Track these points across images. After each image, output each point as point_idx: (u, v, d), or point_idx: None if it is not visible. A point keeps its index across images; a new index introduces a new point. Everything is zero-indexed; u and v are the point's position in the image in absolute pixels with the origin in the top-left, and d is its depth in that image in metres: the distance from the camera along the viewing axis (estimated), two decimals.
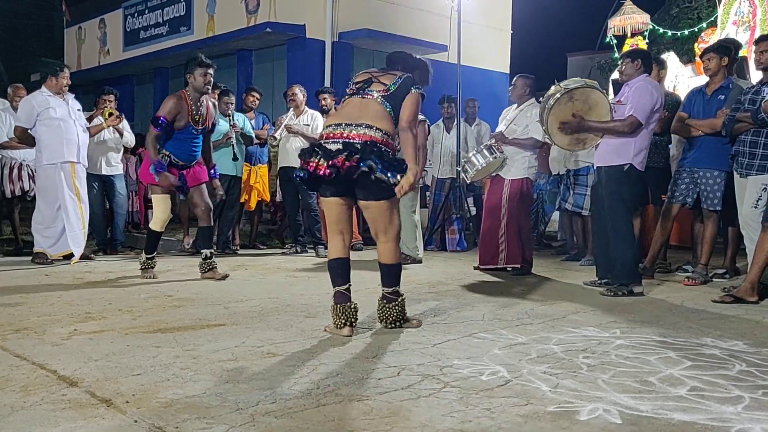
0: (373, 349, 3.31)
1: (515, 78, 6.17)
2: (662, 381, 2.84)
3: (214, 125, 5.83)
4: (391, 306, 3.74)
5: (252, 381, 2.75)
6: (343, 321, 3.61)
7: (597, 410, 2.46)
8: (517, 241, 5.95)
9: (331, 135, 3.61)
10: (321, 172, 3.52)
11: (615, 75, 9.34)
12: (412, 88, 3.73)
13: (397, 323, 3.75)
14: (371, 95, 3.71)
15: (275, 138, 7.31)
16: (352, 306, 3.65)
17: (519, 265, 5.97)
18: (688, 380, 2.85)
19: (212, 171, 5.83)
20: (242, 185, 7.68)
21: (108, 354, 3.13)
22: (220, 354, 3.16)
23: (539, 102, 5.97)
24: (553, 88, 5.05)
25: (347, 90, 3.82)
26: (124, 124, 7.34)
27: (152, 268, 5.60)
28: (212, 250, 5.72)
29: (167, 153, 5.47)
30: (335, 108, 7.79)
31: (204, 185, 5.70)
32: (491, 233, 5.99)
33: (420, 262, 6.83)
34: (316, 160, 3.54)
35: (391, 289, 3.76)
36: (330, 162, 3.50)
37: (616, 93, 6.15)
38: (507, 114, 6.23)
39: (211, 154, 5.87)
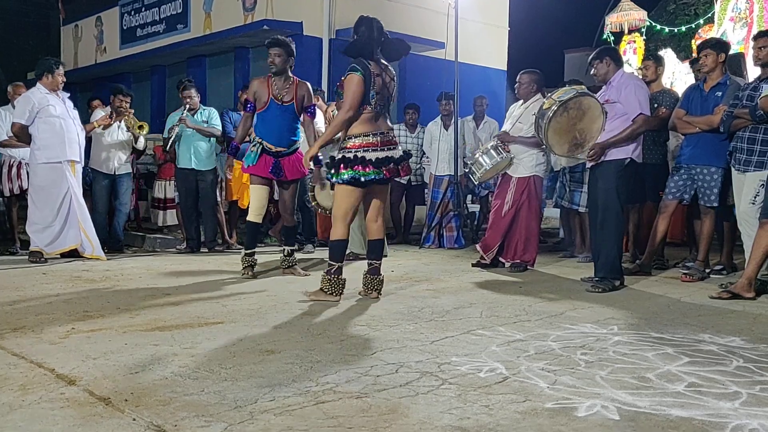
0: (372, 346, 3.31)
1: (520, 74, 6.10)
2: (660, 377, 2.85)
3: (308, 108, 5.58)
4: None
5: (250, 379, 2.75)
6: (338, 290, 4.48)
7: (595, 406, 2.46)
8: (517, 239, 5.97)
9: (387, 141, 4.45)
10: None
11: None
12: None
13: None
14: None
15: None
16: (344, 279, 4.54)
17: (518, 261, 5.99)
18: (685, 376, 2.86)
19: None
20: (235, 183, 7.68)
21: (106, 352, 3.13)
22: (219, 352, 3.16)
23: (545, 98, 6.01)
24: (546, 102, 5.08)
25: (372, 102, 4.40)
26: (144, 131, 7.36)
27: (251, 266, 5.55)
28: (293, 248, 5.78)
29: (259, 139, 5.46)
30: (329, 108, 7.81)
31: (298, 184, 5.75)
32: (494, 229, 6.03)
33: (385, 256, 6.85)
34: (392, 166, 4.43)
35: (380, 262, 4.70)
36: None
37: None
38: (513, 111, 6.21)
39: (312, 138, 5.52)
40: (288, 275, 5.60)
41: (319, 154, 5.21)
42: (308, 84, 5.70)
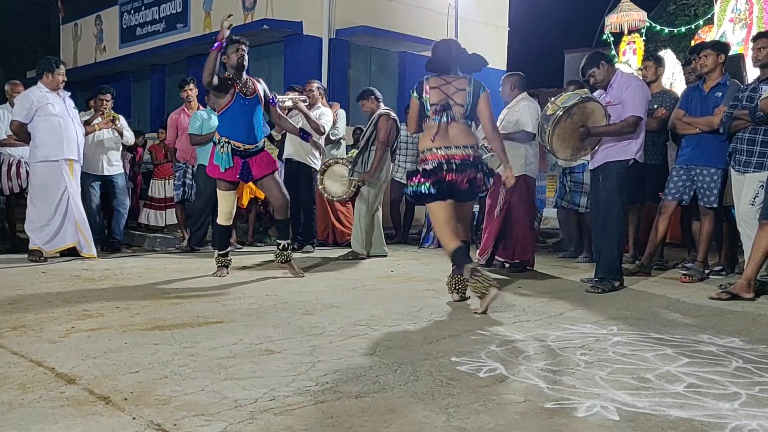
0: (371, 346, 3.31)
1: (501, 79, 6.29)
2: (659, 378, 2.85)
3: (267, 101, 5.57)
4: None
5: (250, 378, 2.75)
6: (489, 283, 4.13)
7: (594, 407, 2.46)
8: (514, 239, 5.98)
9: (455, 155, 4.34)
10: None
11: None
12: (480, 92, 4.44)
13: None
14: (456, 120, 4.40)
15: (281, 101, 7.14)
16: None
17: (517, 261, 6.00)
18: (685, 377, 2.86)
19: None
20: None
21: (106, 351, 3.13)
22: (218, 351, 3.16)
23: (531, 96, 6.12)
24: (550, 107, 5.07)
25: (428, 113, 4.41)
26: (123, 123, 7.32)
27: (225, 266, 5.56)
28: (288, 242, 5.63)
29: (225, 139, 5.28)
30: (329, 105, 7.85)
31: (275, 175, 5.55)
32: (488, 231, 6.05)
33: (384, 255, 6.91)
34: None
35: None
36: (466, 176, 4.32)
37: None
38: (502, 114, 6.29)
39: (288, 124, 5.81)
40: (283, 271, 5.52)
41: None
42: (262, 81, 5.62)
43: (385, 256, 6.94)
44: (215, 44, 5.13)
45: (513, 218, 5.97)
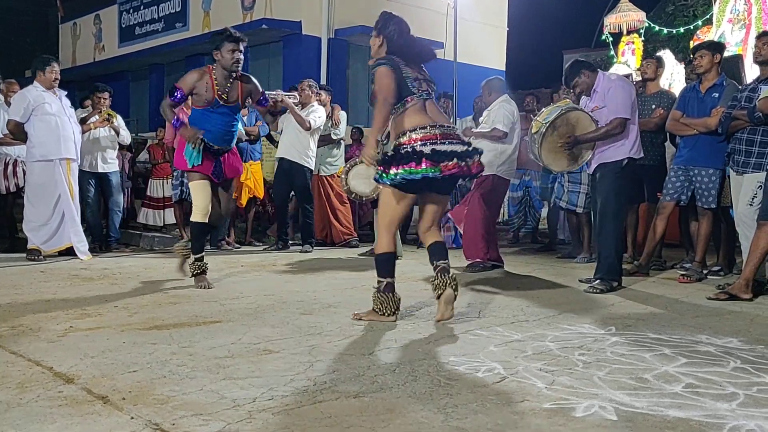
0: (369, 345, 3.31)
1: (481, 87, 6.38)
2: (657, 378, 2.85)
3: (260, 101, 5.23)
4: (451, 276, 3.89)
5: (248, 378, 2.75)
6: (392, 309, 3.86)
7: (593, 407, 2.46)
8: (471, 237, 6.01)
9: (449, 134, 3.81)
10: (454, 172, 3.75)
11: (613, 69, 9.39)
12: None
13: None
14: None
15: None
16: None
17: (475, 262, 6.02)
18: (683, 377, 2.86)
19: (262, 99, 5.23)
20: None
21: (104, 351, 3.13)
22: (217, 351, 3.16)
23: (511, 98, 6.25)
24: (534, 124, 5.10)
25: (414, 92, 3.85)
26: (120, 122, 7.31)
27: (203, 273, 4.98)
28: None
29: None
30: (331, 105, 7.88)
31: (233, 183, 5.35)
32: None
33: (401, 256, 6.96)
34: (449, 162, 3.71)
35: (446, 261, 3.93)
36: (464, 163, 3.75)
37: None
38: (481, 118, 6.40)
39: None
40: (186, 273, 5.10)
41: None
42: (252, 77, 5.18)
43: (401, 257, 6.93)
44: (174, 121, 4.91)
45: (468, 216, 6.00)
